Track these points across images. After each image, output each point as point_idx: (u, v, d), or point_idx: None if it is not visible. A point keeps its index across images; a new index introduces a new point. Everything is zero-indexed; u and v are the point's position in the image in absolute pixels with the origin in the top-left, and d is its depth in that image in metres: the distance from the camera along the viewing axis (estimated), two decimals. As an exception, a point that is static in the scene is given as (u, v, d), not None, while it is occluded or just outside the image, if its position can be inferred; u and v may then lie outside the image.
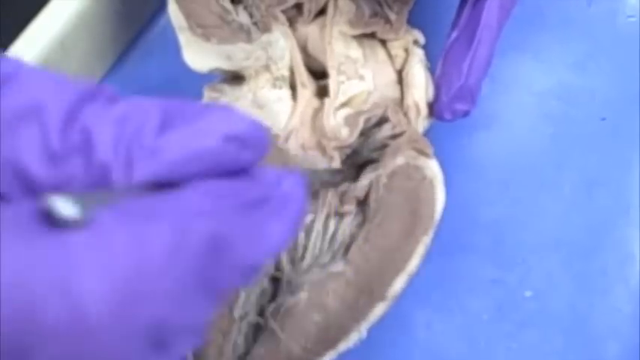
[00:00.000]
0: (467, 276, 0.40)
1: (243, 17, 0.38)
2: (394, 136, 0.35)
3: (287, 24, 0.39)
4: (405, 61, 0.38)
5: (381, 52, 0.39)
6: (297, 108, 0.37)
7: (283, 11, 0.39)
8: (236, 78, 0.39)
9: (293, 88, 0.38)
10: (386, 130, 0.36)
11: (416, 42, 0.39)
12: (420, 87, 0.37)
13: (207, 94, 0.39)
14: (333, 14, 0.38)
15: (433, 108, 0.37)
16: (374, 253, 0.32)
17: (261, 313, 0.33)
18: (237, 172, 0.22)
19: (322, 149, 0.36)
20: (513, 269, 0.40)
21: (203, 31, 0.37)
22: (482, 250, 0.40)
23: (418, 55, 0.38)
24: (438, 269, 0.39)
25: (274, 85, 0.38)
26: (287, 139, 0.36)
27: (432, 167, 0.34)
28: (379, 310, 0.32)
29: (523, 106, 0.45)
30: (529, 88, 0.45)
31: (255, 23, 0.38)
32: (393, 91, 0.38)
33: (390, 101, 0.37)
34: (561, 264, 0.40)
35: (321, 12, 0.39)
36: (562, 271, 0.40)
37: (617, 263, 0.40)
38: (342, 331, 0.31)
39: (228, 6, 0.38)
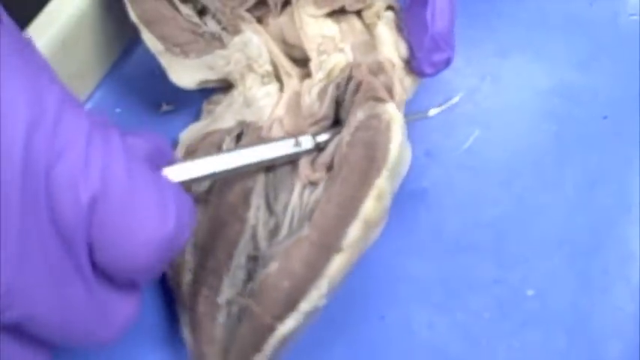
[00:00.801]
0: (468, 275, 0.39)
1: (212, 26, 0.39)
2: (357, 89, 0.35)
3: (254, 21, 0.39)
4: None
5: (357, 24, 0.39)
6: (282, 98, 0.38)
7: (250, 10, 0.39)
8: (229, 87, 0.39)
9: (280, 80, 0.39)
10: (352, 87, 0.35)
11: (390, 7, 0.39)
12: (388, 43, 0.37)
13: (205, 108, 0.40)
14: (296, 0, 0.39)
15: (413, 67, 0.37)
16: (332, 209, 0.31)
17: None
18: None
19: (301, 131, 0.36)
20: (515, 268, 0.40)
21: (180, 49, 0.38)
22: (483, 248, 0.40)
23: (386, 17, 0.38)
24: (440, 268, 0.39)
25: (262, 83, 0.38)
26: (270, 128, 0.36)
27: (389, 110, 0.33)
28: (337, 263, 0.31)
29: (525, 104, 0.45)
30: (531, 87, 0.45)
31: (224, 28, 0.39)
32: (372, 57, 0.38)
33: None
34: (563, 263, 0.40)
35: (288, 2, 0.39)
36: (564, 269, 0.40)
37: (619, 262, 0.40)
38: (302, 291, 0.31)
39: (196, 20, 0.39)
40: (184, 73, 0.38)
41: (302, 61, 0.39)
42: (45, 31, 0.38)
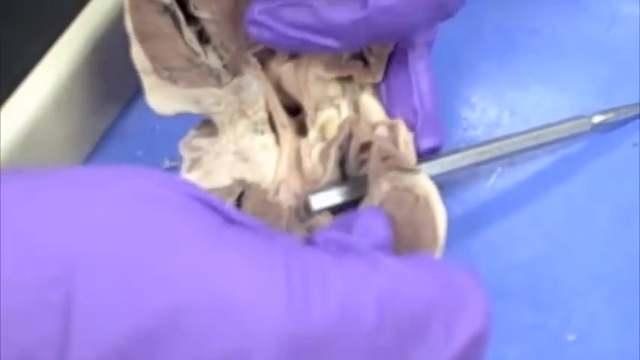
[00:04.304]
0: (503, 322, 0.36)
1: (212, 60, 0.36)
2: (364, 148, 0.33)
3: (259, 67, 0.36)
4: None
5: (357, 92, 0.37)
6: (282, 155, 0.35)
7: (255, 53, 0.36)
8: (210, 128, 0.37)
9: (274, 127, 0.36)
10: (354, 146, 0.33)
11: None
12: (377, 111, 0.35)
13: (187, 155, 0.37)
14: (309, 57, 0.36)
15: None
16: None
17: None
18: None
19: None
20: (553, 311, 0.37)
21: (170, 74, 0.35)
22: (517, 292, 0.38)
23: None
24: (471, 316, 0.37)
25: (255, 131, 0.36)
26: (277, 191, 0.34)
27: (422, 183, 0.31)
28: None
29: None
30: (553, 118, 0.42)
31: (225, 66, 0.36)
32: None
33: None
34: (604, 302, 0.37)
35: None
36: (606, 309, 0.37)
37: (664, 297, 0.37)
38: None
39: (197, 48, 0.35)
40: (166, 100, 0.35)
41: (295, 110, 0.36)
42: (36, 91, 0.37)
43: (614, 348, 0.36)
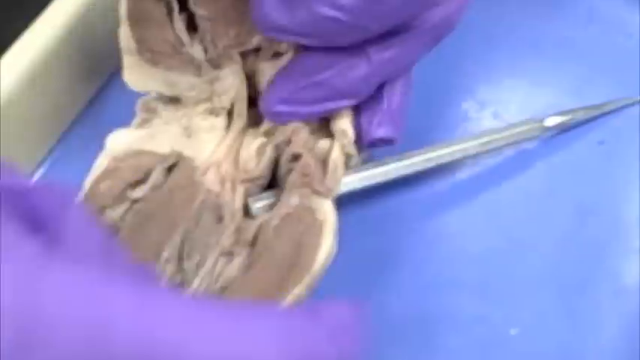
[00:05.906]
0: (449, 312, 0.37)
1: (196, 51, 0.36)
2: (295, 158, 0.34)
3: (240, 63, 0.36)
4: None
5: None
6: (225, 139, 0.36)
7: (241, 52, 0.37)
8: (173, 99, 0.37)
9: (232, 117, 0.37)
10: (288, 154, 0.34)
11: None
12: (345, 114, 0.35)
13: (141, 114, 0.37)
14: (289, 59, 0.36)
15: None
16: (243, 300, 0.30)
17: None
18: None
19: (234, 184, 0.34)
20: (499, 305, 0.37)
21: (152, 55, 0.35)
22: (467, 284, 0.38)
23: None
24: (418, 306, 0.37)
25: (211, 112, 0.36)
26: (205, 172, 0.35)
27: (325, 209, 0.32)
28: None
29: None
30: (526, 115, 0.42)
31: (208, 60, 0.36)
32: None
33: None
34: (551, 299, 0.38)
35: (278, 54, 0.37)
36: (552, 306, 0.37)
37: (611, 297, 0.37)
38: None
39: (185, 37, 0.36)
40: (141, 79, 0.36)
41: (256, 101, 0.37)
42: (12, 68, 0.37)
43: (555, 344, 0.36)
